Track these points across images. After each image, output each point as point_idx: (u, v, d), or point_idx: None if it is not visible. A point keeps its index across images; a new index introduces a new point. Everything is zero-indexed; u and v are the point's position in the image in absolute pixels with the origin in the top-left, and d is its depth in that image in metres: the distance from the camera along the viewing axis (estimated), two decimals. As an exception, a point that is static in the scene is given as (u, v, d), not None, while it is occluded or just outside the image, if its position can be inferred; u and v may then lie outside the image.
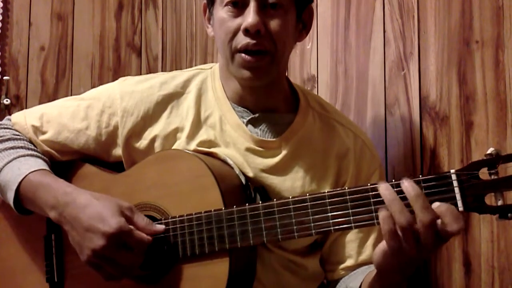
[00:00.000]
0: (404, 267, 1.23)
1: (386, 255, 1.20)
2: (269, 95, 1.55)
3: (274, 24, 1.45)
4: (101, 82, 3.07)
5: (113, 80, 1.67)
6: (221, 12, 1.48)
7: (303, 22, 1.56)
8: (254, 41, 1.44)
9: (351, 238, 1.55)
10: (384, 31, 1.88)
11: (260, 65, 1.46)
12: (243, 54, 1.45)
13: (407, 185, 1.16)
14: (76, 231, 1.41)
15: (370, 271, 1.44)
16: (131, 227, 1.38)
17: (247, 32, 1.43)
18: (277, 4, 1.45)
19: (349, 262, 1.55)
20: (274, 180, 1.51)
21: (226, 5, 1.47)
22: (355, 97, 1.98)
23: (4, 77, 2.89)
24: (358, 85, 1.97)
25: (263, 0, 1.44)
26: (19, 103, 2.92)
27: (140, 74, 3.12)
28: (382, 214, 1.17)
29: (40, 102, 2.83)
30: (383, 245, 1.20)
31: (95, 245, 1.36)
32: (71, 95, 1.80)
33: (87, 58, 3.14)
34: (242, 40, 1.45)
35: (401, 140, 1.80)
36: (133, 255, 1.38)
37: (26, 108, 2.57)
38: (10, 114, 1.76)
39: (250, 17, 1.43)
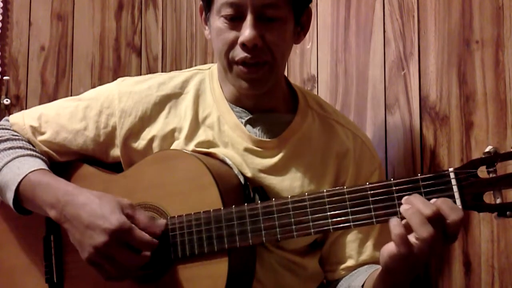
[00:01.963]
0: (413, 267, 1.22)
1: (394, 257, 1.19)
2: (267, 96, 1.55)
3: (271, 37, 1.44)
4: (101, 82, 3.07)
5: (113, 80, 1.67)
6: (218, 22, 1.46)
7: (301, 25, 1.55)
8: (251, 56, 1.43)
9: (351, 238, 1.55)
10: (384, 31, 1.88)
11: (258, 76, 1.46)
12: (241, 66, 1.45)
13: (406, 207, 1.18)
14: (77, 229, 1.41)
15: (373, 270, 1.44)
16: (132, 225, 1.38)
17: (244, 46, 1.43)
18: (274, 17, 1.44)
19: (349, 263, 1.55)
20: (272, 180, 1.51)
21: (222, 16, 1.46)
22: (355, 97, 1.98)
23: (4, 77, 2.89)
24: (358, 85, 1.97)
25: (260, 14, 1.43)
26: (19, 103, 2.92)
27: (140, 74, 3.13)
28: (393, 221, 1.17)
29: (40, 102, 2.84)
30: (391, 247, 1.19)
31: (96, 242, 1.36)
32: (71, 95, 1.80)
33: (87, 58, 3.14)
34: (239, 53, 1.44)
35: (401, 140, 1.79)
36: (136, 256, 1.38)
37: (26, 108, 2.58)
38: (10, 114, 1.76)
39: (247, 31, 1.41)
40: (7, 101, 2.87)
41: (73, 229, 1.42)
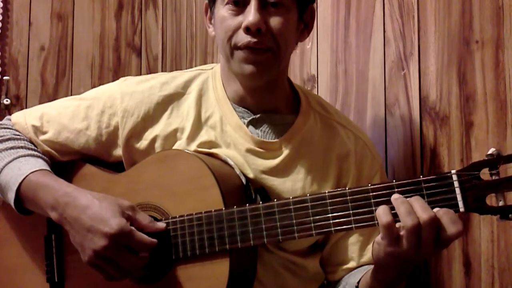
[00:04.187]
0: (400, 264, 1.23)
1: (382, 248, 1.21)
2: (270, 95, 1.55)
3: (275, 22, 1.45)
4: (101, 82, 3.07)
5: (113, 80, 1.68)
6: (222, 10, 1.47)
7: (304, 22, 1.56)
8: (255, 40, 1.43)
9: (353, 241, 1.55)
10: (384, 31, 1.88)
11: (262, 60, 1.46)
12: (243, 50, 1.45)
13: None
14: (77, 232, 1.41)
15: (369, 268, 1.44)
16: (132, 228, 1.38)
17: (248, 30, 1.43)
18: (278, 2, 1.45)
19: (350, 264, 1.55)
20: (274, 182, 1.51)
21: (227, 3, 1.46)
22: (355, 97, 1.98)
23: (4, 77, 2.89)
24: (358, 85, 1.97)
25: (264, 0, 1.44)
26: (19, 103, 2.92)
27: (140, 74, 3.12)
28: (380, 209, 1.19)
29: (40, 102, 2.83)
30: (379, 238, 1.22)
31: (96, 246, 1.37)
32: (71, 95, 1.80)
33: (87, 58, 3.13)
34: (243, 38, 1.44)
35: (401, 140, 1.80)
36: (136, 257, 1.39)
37: (26, 108, 2.57)
38: (10, 114, 1.76)
39: (251, 15, 1.42)
40: (7, 101, 2.87)
41: (74, 231, 1.42)
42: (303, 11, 1.53)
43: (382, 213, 1.19)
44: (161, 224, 1.43)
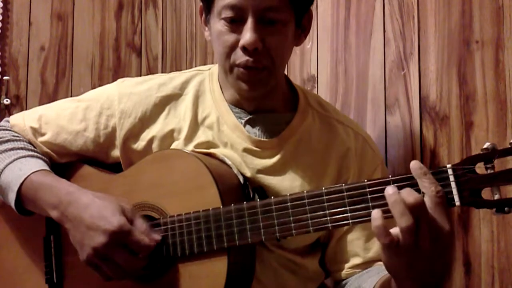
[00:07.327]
0: (414, 273, 1.17)
1: (383, 251, 1.18)
2: (267, 98, 1.55)
3: (272, 41, 1.43)
4: (101, 82, 3.07)
5: (113, 80, 1.68)
6: (218, 24, 1.46)
7: (302, 27, 1.55)
8: (252, 59, 1.42)
9: (356, 236, 1.54)
10: (384, 31, 1.88)
11: (258, 79, 1.46)
12: (241, 69, 1.44)
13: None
14: (78, 230, 1.41)
15: (385, 273, 1.39)
16: (132, 227, 1.38)
17: (245, 49, 1.42)
18: (275, 20, 1.44)
19: (356, 260, 1.54)
20: (272, 181, 1.51)
21: (222, 19, 1.45)
22: (355, 97, 1.98)
23: (4, 77, 2.89)
24: (358, 85, 1.97)
25: (261, 17, 1.42)
26: (19, 103, 2.92)
27: (140, 74, 3.12)
28: (373, 213, 1.16)
29: (40, 102, 2.84)
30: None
31: (95, 242, 1.36)
32: (71, 95, 1.81)
33: (87, 58, 3.13)
34: (240, 57, 1.43)
35: (401, 140, 1.79)
36: (134, 259, 1.39)
37: (26, 108, 2.57)
38: (10, 114, 1.76)
39: (247, 35, 1.41)
40: (7, 101, 2.87)
41: (74, 229, 1.42)
42: (300, 18, 1.52)
43: (376, 218, 1.14)
44: (157, 236, 1.42)
